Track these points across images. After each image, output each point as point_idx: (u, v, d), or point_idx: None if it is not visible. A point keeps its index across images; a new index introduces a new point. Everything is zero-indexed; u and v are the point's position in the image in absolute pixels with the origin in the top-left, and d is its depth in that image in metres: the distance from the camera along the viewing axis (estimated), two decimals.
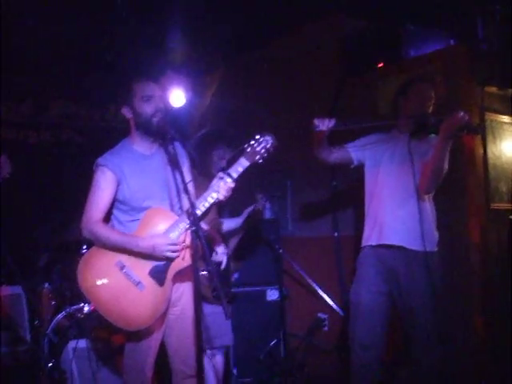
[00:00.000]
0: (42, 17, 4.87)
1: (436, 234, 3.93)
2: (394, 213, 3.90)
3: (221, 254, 3.96)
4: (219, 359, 4.23)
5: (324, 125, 3.85)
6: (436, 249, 3.90)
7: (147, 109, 3.33)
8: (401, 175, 3.92)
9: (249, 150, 3.27)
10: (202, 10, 5.04)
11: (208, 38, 5.59)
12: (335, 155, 4.14)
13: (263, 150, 3.26)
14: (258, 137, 3.29)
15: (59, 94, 6.54)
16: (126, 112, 3.41)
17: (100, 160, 3.38)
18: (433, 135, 3.91)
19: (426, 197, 3.91)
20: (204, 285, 3.78)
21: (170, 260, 3.23)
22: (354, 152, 4.13)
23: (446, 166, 3.79)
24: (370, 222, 4.04)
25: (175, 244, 3.19)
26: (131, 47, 5.42)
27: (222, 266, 3.95)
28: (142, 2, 4.90)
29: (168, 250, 3.19)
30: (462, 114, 3.67)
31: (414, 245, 3.82)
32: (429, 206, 3.92)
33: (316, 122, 3.87)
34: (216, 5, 4.99)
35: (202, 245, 2.91)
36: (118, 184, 3.34)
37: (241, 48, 6.02)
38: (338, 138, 4.11)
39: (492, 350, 4.27)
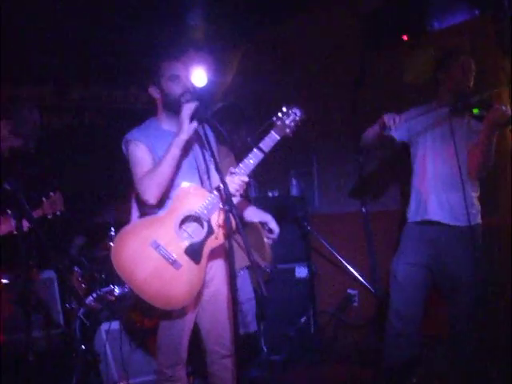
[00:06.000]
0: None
1: (478, 208, 3.90)
2: (438, 190, 3.89)
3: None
4: None
5: (395, 123, 3.74)
6: (479, 221, 3.88)
7: (176, 88, 3.27)
8: (443, 153, 3.90)
9: (279, 123, 3.20)
10: None
11: (228, 14, 5.55)
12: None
13: (293, 123, 3.21)
14: (285, 109, 3.22)
15: (80, 76, 6.51)
16: (153, 92, 3.35)
17: (129, 135, 3.32)
18: (475, 111, 3.82)
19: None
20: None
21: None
22: (397, 131, 4.00)
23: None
24: (413, 198, 4.03)
25: None
26: (152, 26, 5.39)
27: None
28: None
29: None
30: (503, 108, 3.61)
31: (456, 221, 3.82)
32: (471, 181, 3.89)
33: (386, 121, 3.75)
34: None
35: (237, 223, 2.87)
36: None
37: (262, 24, 5.96)
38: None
39: None
